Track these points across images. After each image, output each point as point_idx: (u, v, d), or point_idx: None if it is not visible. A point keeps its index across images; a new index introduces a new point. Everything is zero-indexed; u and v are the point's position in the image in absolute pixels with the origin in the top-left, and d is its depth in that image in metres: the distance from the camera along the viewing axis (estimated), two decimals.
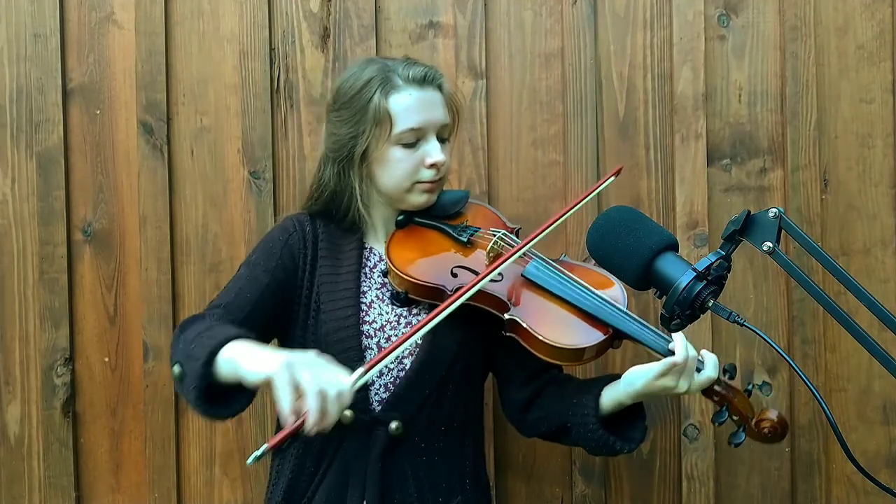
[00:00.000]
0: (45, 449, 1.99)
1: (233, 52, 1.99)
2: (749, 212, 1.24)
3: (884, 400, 1.95)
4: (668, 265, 1.27)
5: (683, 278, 1.24)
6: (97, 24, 2.00)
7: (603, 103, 1.97)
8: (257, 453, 1.18)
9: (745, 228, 1.24)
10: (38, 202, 1.98)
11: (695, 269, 1.24)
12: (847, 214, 1.95)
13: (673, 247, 1.31)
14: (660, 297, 1.29)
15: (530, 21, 1.98)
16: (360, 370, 1.29)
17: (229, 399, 1.35)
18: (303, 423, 1.20)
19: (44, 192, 1.98)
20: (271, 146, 1.98)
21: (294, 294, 1.58)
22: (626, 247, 1.30)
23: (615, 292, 1.52)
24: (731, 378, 1.46)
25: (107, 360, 2.00)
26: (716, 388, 1.45)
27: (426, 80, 1.56)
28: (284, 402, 1.20)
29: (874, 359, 1.11)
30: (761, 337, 1.22)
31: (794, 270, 1.20)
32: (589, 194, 1.60)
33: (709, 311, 1.26)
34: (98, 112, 2.00)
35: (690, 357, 1.42)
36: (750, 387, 1.46)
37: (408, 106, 1.54)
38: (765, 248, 1.20)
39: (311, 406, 1.19)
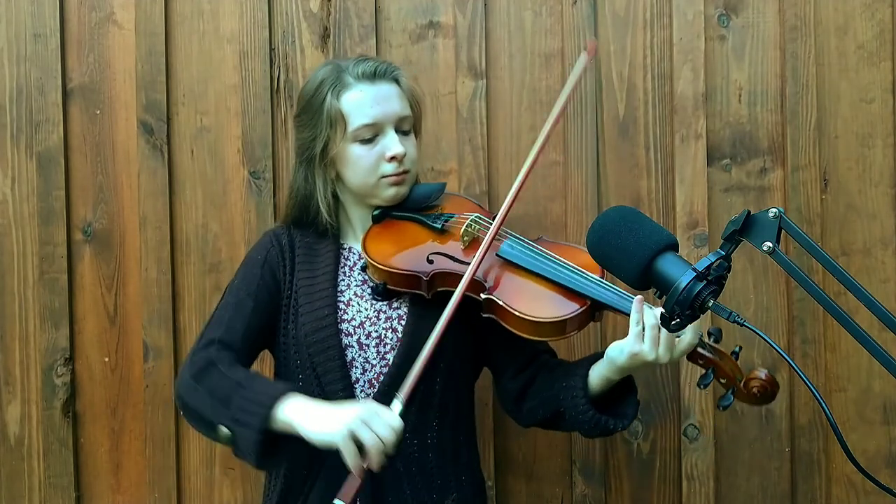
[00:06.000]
0: (45, 449, 1.99)
1: (233, 52, 1.99)
2: (749, 212, 1.24)
3: (884, 400, 1.94)
4: (668, 265, 1.27)
5: (683, 278, 1.23)
6: (97, 24, 2.01)
7: (603, 103, 1.97)
8: None
9: (745, 228, 1.24)
10: (38, 202, 1.99)
11: (695, 269, 1.24)
12: (847, 214, 1.95)
13: (673, 247, 1.30)
14: (660, 297, 1.29)
15: (530, 21, 1.98)
16: (400, 398, 1.38)
17: (282, 449, 1.43)
18: (368, 475, 1.35)
19: (44, 192, 1.98)
20: (271, 146, 1.98)
21: (279, 307, 1.60)
22: (626, 247, 1.30)
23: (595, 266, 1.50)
24: (717, 341, 1.45)
25: (107, 360, 2.00)
26: (700, 350, 1.44)
27: (377, 74, 1.58)
28: (352, 463, 1.34)
29: (874, 359, 1.11)
30: (761, 337, 1.22)
31: (794, 270, 1.20)
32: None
33: (709, 311, 1.26)
34: (98, 112, 2.01)
35: (651, 324, 1.41)
36: (737, 349, 1.46)
37: (360, 102, 1.56)
38: (765, 248, 1.20)
39: (373, 462, 1.34)
